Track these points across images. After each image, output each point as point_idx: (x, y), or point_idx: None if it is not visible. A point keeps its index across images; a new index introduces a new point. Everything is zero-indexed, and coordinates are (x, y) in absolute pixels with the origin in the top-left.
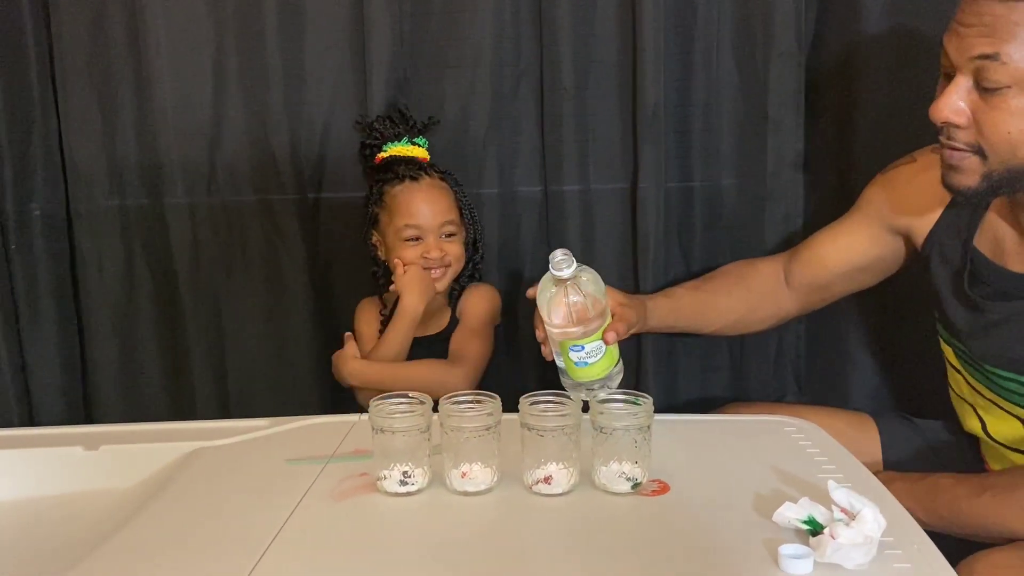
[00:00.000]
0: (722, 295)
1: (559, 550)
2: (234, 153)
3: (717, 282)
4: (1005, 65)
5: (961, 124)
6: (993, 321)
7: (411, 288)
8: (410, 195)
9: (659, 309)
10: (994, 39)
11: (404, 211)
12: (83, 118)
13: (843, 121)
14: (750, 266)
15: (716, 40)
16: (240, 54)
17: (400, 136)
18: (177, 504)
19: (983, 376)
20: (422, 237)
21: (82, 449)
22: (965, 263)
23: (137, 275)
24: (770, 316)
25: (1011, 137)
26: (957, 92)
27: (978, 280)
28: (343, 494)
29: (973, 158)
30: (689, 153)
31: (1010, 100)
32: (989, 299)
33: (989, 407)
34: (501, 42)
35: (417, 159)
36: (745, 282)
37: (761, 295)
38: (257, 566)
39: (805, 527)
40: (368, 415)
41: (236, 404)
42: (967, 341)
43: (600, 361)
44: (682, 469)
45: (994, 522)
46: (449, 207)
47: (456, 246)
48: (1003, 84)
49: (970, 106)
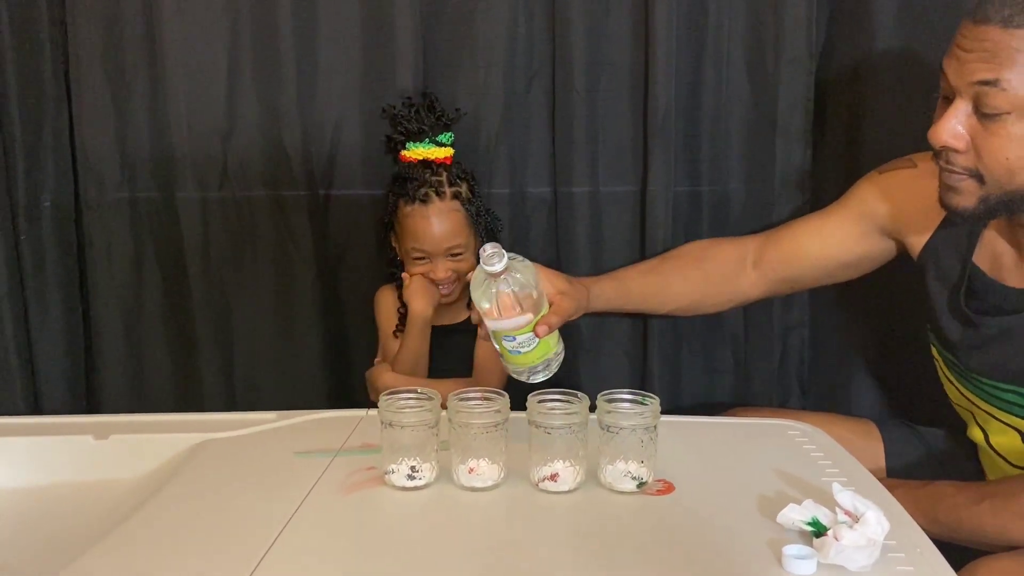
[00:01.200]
0: (676, 279)
1: (564, 547)
2: (246, 148)
3: (672, 264)
4: (1005, 92)
5: (960, 148)
6: (989, 336)
7: (416, 298)
8: (417, 220)
9: (605, 293)
10: (994, 65)
11: (411, 234)
12: (96, 110)
13: (852, 129)
14: (712, 248)
15: (727, 45)
16: (254, 49)
17: (423, 134)
18: (186, 494)
19: (976, 387)
20: (429, 259)
21: (92, 438)
22: (963, 278)
23: (146, 268)
24: (726, 300)
25: (1009, 163)
26: (956, 117)
27: (975, 295)
28: (351, 487)
29: (971, 181)
30: (698, 157)
31: (1009, 126)
32: (986, 314)
33: (988, 419)
34: (514, 43)
35: (435, 163)
36: (703, 265)
37: (719, 279)
38: (266, 556)
39: (809, 528)
40: (377, 410)
41: (242, 398)
42: (961, 355)
43: (534, 350)
44: (687, 470)
45: (993, 530)
46: (456, 230)
47: (464, 263)
48: (1003, 110)
49: (969, 131)
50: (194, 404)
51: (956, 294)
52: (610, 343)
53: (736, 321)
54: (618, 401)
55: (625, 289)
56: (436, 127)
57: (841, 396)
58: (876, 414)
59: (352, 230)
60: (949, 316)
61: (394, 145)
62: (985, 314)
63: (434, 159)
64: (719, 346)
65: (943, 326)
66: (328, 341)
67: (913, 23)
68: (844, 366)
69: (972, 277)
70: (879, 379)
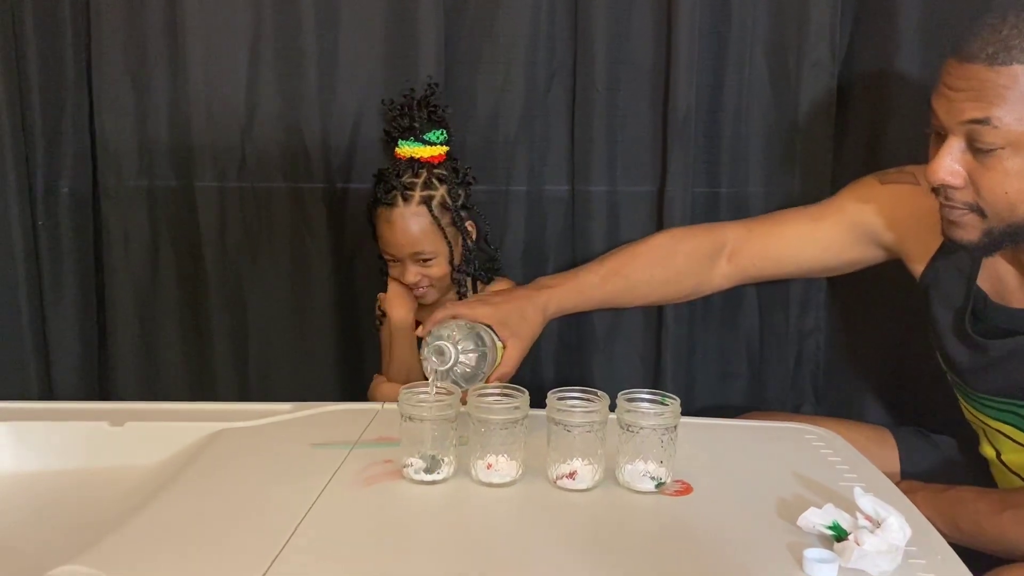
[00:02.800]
0: (641, 280)
1: (581, 545)
2: (265, 139)
3: (638, 263)
4: (997, 129)
5: (958, 185)
6: (996, 358)
7: (393, 307)
8: (383, 223)
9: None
10: (983, 104)
11: (380, 236)
12: (116, 98)
13: (873, 134)
14: (685, 240)
15: (750, 47)
16: (275, 40)
17: (411, 131)
18: (203, 483)
19: (985, 407)
20: (398, 261)
21: (108, 424)
22: (968, 302)
23: (163, 256)
24: (691, 293)
25: (1008, 196)
26: (951, 154)
27: (980, 319)
28: (369, 480)
29: (972, 215)
30: (718, 159)
31: (1004, 161)
32: (992, 337)
33: (999, 437)
34: (536, 40)
35: (419, 162)
36: (671, 262)
37: (687, 274)
38: (286, 547)
39: (830, 532)
40: (398, 403)
41: (256, 389)
42: (969, 378)
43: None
44: (705, 471)
45: (1014, 540)
46: (421, 236)
47: (435, 268)
48: (997, 145)
49: (965, 167)
50: (207, 393)
51: (961, 319)
52: (624, 345)
53: (751, 325)
54: (638, 401)
55: (585, 298)
56: (427, 125)
57: (855, 403)
58: (889, 422)
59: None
60: (956, 341)
61: (390, 140)
62: (992, 337)
63: (419, 158)
64: (733, 350)
65: (949, 351)
66: (342, 334)
67: (936, 28)
68: (858, 373)
69: (977, 300)
70: (893, 387)
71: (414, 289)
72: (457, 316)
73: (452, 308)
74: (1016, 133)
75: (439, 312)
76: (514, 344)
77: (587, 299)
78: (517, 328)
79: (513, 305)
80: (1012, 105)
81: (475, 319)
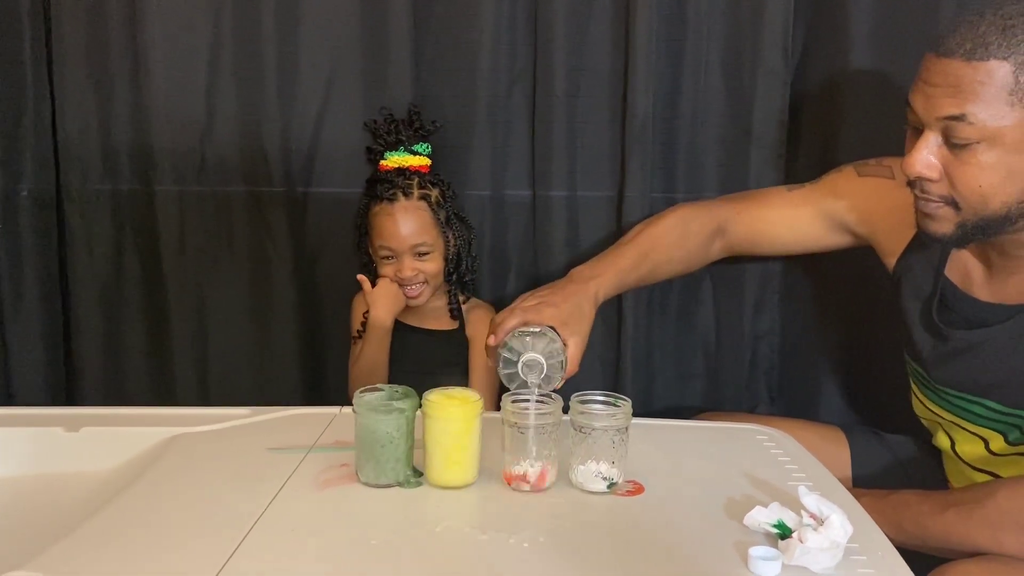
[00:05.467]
0: (663, 261)
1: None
2: (225, 143)
3: (660, 245)
4: (972, 125)
5: (933, 178)
6: (958, 349)
7: (378, 302)
8: (384, 218)
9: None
10: (959, 100)
11: (378, 232)
12: (78, 101)
13: (826, 141)
14: (691, 221)
15: (705, 55)
16: (236, 44)
17: (399, 144)
18: (157, 488)
19: (943, 400)
20: (395, 257)
21: (63, 430)
22: (936, 292)
23: (126, 260)
24: (695, 269)
25: (982, 190)
26: (927, 147)
27: (946, 308)
28: (325, 483)
29: (947, 208)
30: (675, 165)
31: (979, 155)
32: (954, 327)
33: (954, 428)
34: (498, 47)
35: (409, 170)
36: (685, 243)
37: (694, 253)
38: (237, 551)
39: (774, 530)
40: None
41: (216, 392)
42: (930, 368)
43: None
44: (657, 471)
45: (958, 538)
46: (422, 228)
47: (431, 263)
48: (972, 140)
49: (941, 160)
50: (170, 398)
51: (928, 307)
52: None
53: (708, 328)
54: (591, 402)
55: (621, 283)
56: (413, 138)
57: (809, 403)
58: (844, 421)
59: (330, 228)
60: (921, 329)
61: (373, 156)
62: (955, 327)
63: (408, 166)
64: (691, 352)
65: (915, 339)
66: (303, 339)
67: (888, 38)
68: (812, 373)
69: (944, 290)
70: (847, 387)
71: (407, 288)
72: (528, 323)
73: (522, 314)
74: (991, 129)
75: (510, 320)
76: (575, 343)
77: (622, 284)
78: (576, 326)
79: (572, 303)
80: (988, 101)
81: (543, 322)
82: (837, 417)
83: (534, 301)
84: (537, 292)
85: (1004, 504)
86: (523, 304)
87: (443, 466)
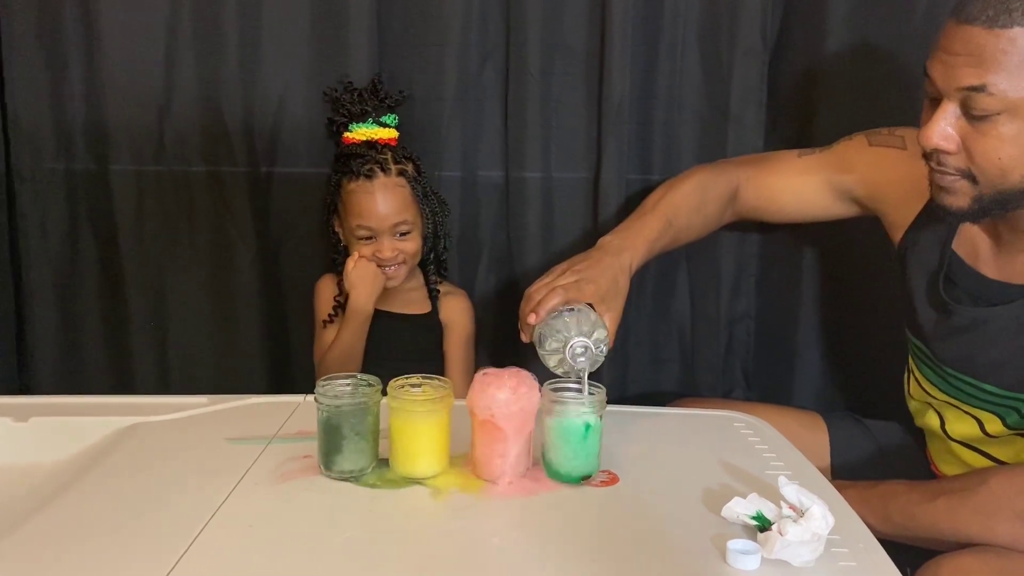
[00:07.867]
0: (684, 228)
1: (506, 537)
2: (184, 121)
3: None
4: (992, 96)
5: (951, 150)
6: (961, 326)
7: (358, 285)
8: (362, 196)
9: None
10: (980, 70)
11: (356, 211)
12: (30, 78)
13: (804, 121)
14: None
15: (682, 34)
16: (195, 19)
17: (366, 115)
18: (110, 480)
19: (939, 378)
20: (375, 237)
21: (11, 420)
22: (942, 265)
23: (82, 242)
24: (708, 233)
25: (1001, 163)
26: (945, 119)
27: (952, 282)
28: (285, 476)
29: (964, 182)
30: (651, 146)
31: (1000, 127)
32: (959, 303)
33: (945, 407)
34: (469, 20)
35: (380, 144)
36: (703, 209)
37: (711, 218)
38: (192, 545)
39: (753, 523)
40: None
41: (176, 380)
42: (933, 344)
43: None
44: (632, 461)
45: (947, 527)
46: (403, 207)
47: (411, 243)
48: (992, 111)
49: (959, 132)
50: (129, 386)
51: (935, 280)
52: None
53: (683, 312)
54: (563, 390)
55: (649, 252)
56: (380, 109)
57: (785, 387)
58: (819, 405)
59: (295, 209)
60: (926, 303)
61: (336, 128)
62: (960, 302)
63: (378, 139)
64: (665, 337)
65: (919, 313)
66: (267, 324)
67: (867, 16)
68: (788, 358)
69: (951, 264)
70: (823, 371)
71: (385, 268)
72: (568, 301)
73: (564, 292)
74: (1012, 99)
75: (551, 298)
76: (611, 319)
77: (650, 253)
78: (613, 302)
79: (608, 278)
80: (1009, 71)
81: (583, 299)
82: (813, 401)
83: (572, 277)
84: (573, 266)
85: (997, 491)
86: (560, 281)
87: (409, 457)
